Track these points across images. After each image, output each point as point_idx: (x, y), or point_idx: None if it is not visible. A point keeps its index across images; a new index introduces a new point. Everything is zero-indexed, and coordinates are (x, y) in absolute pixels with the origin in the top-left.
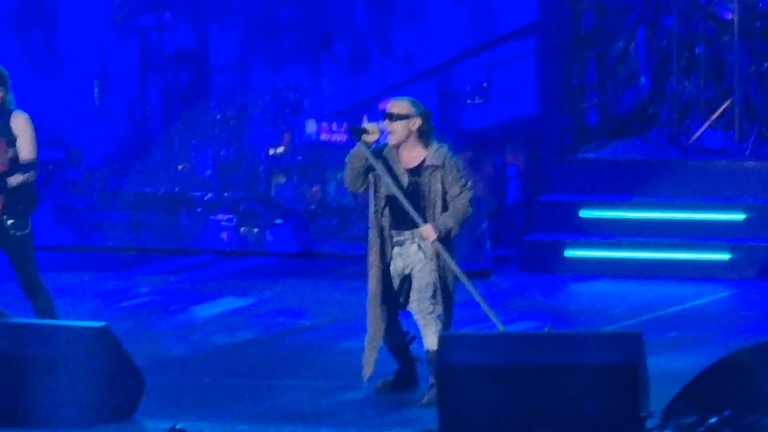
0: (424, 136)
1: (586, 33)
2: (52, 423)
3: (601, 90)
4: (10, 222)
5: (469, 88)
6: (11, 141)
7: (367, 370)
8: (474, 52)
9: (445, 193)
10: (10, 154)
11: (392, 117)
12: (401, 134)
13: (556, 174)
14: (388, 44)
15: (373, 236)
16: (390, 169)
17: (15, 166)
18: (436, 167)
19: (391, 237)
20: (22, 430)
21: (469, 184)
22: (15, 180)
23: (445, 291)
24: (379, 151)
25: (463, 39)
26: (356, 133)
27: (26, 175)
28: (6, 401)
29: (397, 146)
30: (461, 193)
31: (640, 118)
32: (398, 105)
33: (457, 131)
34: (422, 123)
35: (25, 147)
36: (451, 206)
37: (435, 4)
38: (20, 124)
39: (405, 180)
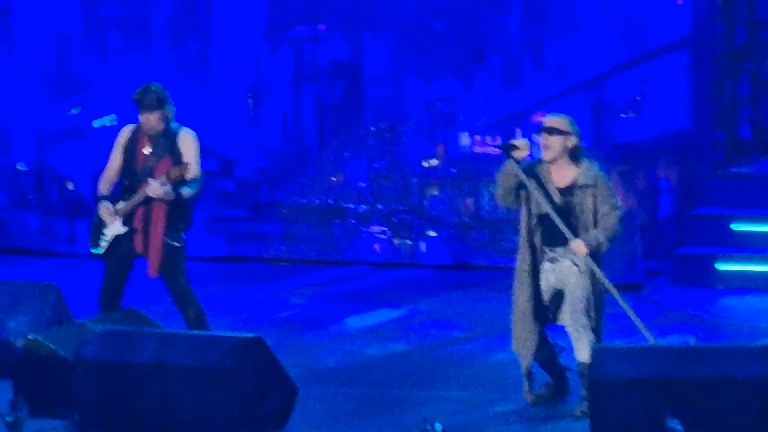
0: (576, 154)
1: (739, 47)
2: None
3: (754, 104)
4: (167, 234)
5: (622, 101)
6: (177, 160)
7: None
8: (627, 65)
9: (596, 212)
10: (175, 172)
11: (551, 131)
12: (557, 149)
13: (709, 188)
14: (542, 57)
15: (523, 252)
16: (542, 186)
17: (180, 184)
18: (588, 186)
19: (544, 253)
20: None
21: (620, 203)
22: (187, 193)
23: (596, 305)
24: (530, 167)
25: (616, 52)
26: (506, 149)
27: (194, 191)
28: (159, 411)
29: (551, 162)
30: (612, 211)
31: None
32: (557, 120)
33: (610, 145)
34: (577, 142)
35: (192, 165)
36: (600, 223)
37: (588, 17)
38: (188, 143)
39: (557, 198)
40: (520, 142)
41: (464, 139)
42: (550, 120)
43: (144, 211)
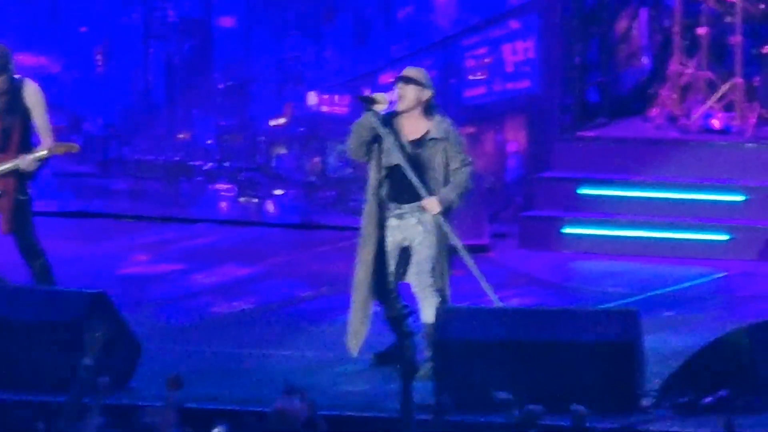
0: (429, 109)
1: (589, 12)
2: (48, 388)
3: (602, 69)
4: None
5: (471, 64)
6: (26, 116)
7: (356, 342)
8: (477, 28)
9: (446, 167)
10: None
11: (407, 80)
12: (412, 100)
13: (556, 151)
14: (392, 18)
15: (370, 207)
16: (395, 140)
17: (27, 145)
18: (439, 140)
19: (390, 209)
20: (17, 394)
21: (470, 159)
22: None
23: (442, 265)
24: (385, 120)
25: (467, 15)
26: (366, 102)
27: (41, 154)
28: (4, 365)
29: (405, 112)
30: (462, 167)
31: (641, 98)
32: (414, 71)
33: (459, 106)
34: (431, 96)
35: (41, 120)
36: (452, 180)
37: None
38: (33, 96)
39: (408, 151)
40: (379, 95)
41: (312, 98)
42: (408, 70)
43: None
